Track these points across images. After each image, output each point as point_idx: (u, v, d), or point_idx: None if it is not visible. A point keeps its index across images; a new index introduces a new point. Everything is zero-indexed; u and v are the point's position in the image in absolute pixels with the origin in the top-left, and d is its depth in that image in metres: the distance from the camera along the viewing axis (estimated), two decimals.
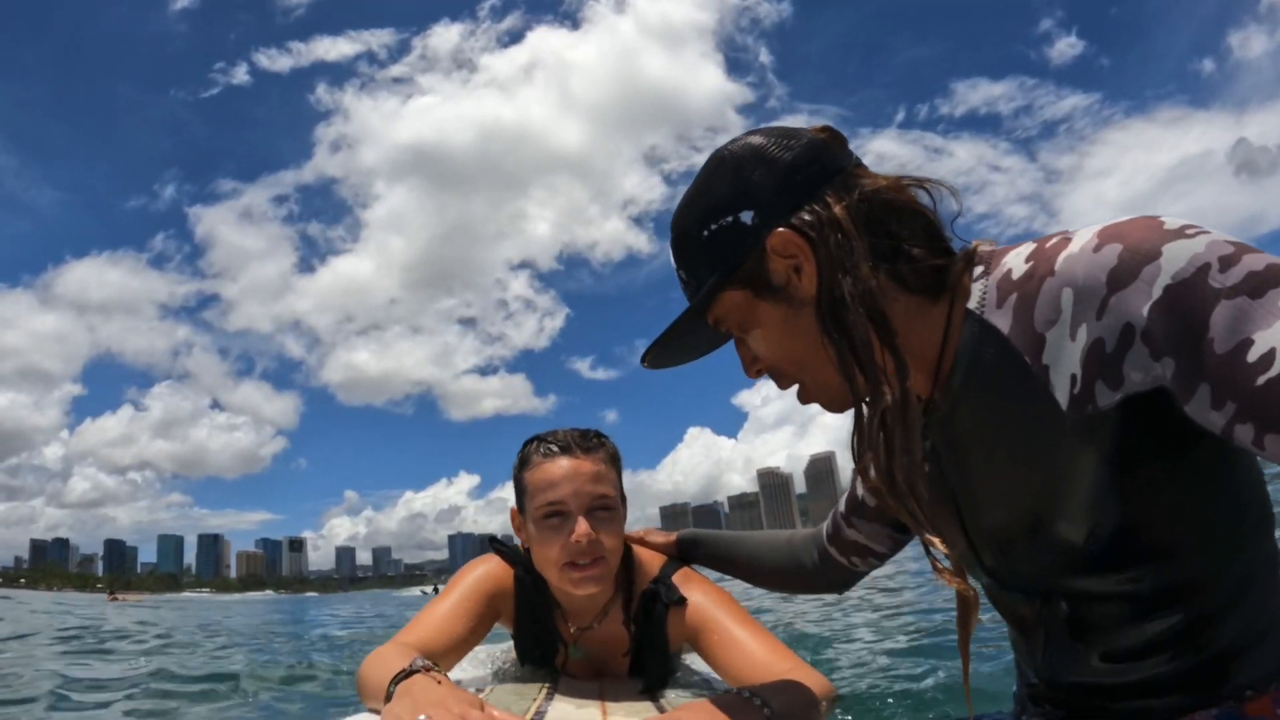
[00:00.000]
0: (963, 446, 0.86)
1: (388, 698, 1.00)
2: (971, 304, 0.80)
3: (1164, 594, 0.79)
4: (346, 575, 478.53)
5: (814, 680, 1.18)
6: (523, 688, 1.38)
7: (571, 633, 1.50)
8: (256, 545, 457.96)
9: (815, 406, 0.91)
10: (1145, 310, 0.64)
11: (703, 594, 1.43)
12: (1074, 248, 0.71)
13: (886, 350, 0.80)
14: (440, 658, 1.27)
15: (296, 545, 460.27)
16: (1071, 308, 0.70)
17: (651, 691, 1.38)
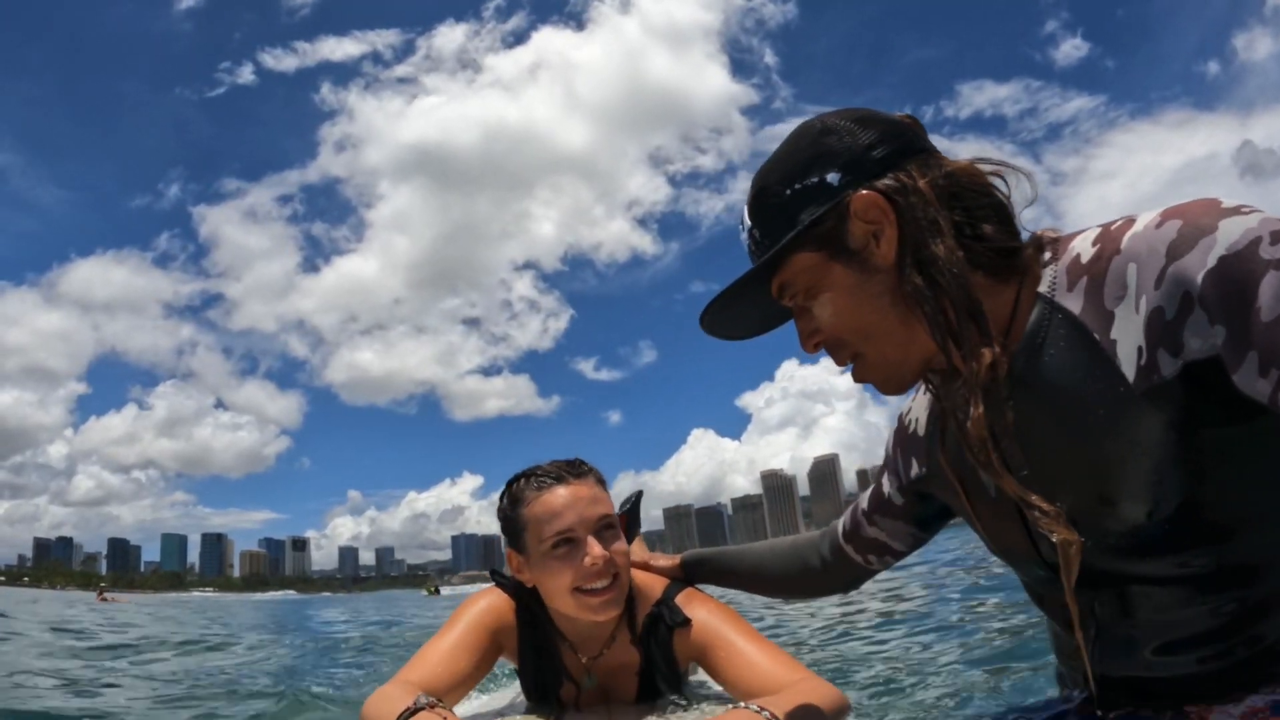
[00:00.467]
0: (1026, 428, 0.86)
1: None
2: (1042, 288, 0.83)
3: (1220, 578, 0.79)
4: (349, 575, 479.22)
5: (824, 691, 1.17)
6: (533, 714, 1.39)
7: (584, 662, 1.49)
8: (260, 545, 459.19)
9: (820, 408, 0.72)
10: (1200, 278, 0.67)
11: (707, 612, 1.43)
12: (1138, 226, 0.75)
13: (971, 320, 0.82)
14: (444, 695, 1.27)
15: (300, 545, 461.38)
16: (1135, 281, 0.73)
17: (662, 714, 1.38)
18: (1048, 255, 0.85)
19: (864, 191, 0.84)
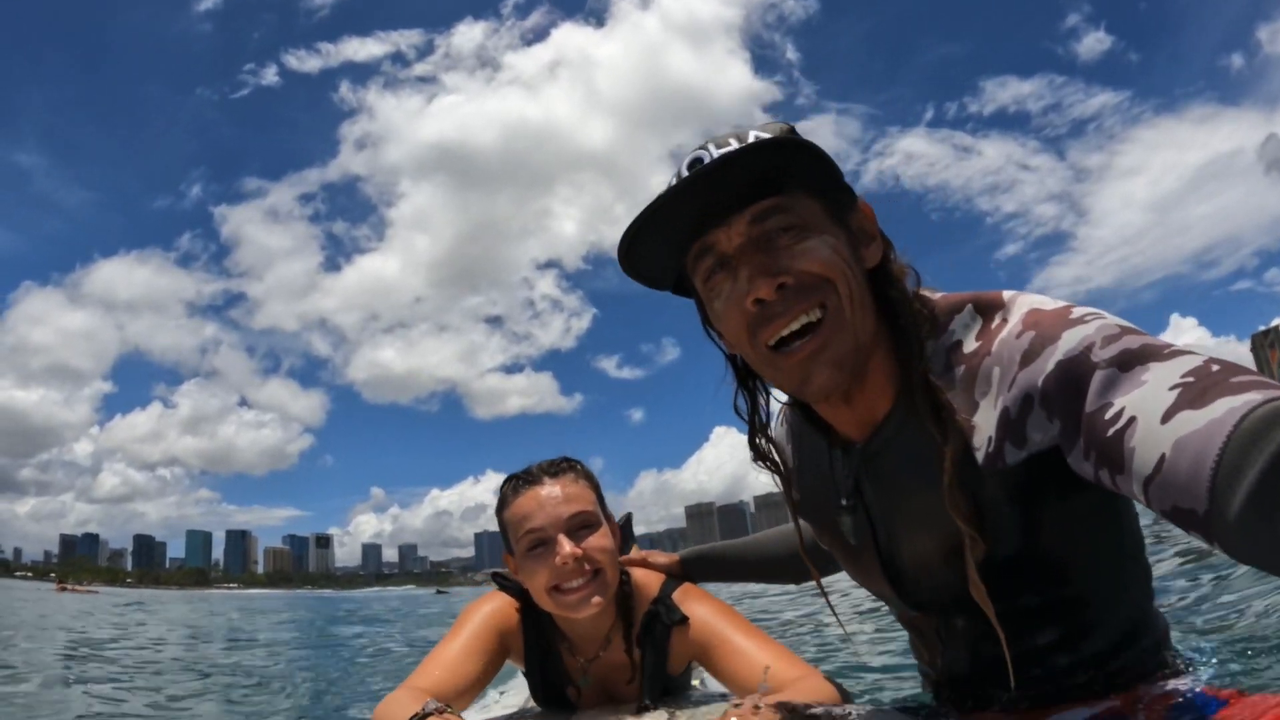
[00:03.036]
0: (890, 482, 0.99)
1: None
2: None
3: (1057, 606, 0.96)
4: (373, 572, 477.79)
5: (824, 687, 1.20)
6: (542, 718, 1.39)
7: (580, 664, 1.50)
8: (284, 542, 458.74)
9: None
10: (1040, 381, 0.79)
11: (705, 609, 1.43)
12: (1004, 333, 0.87)
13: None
14: (454, 699, 1.28)
15: (323, 542, 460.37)
16: (996, 381, 0.85)
17: (670, 713, 1.36)
18: (927, 327, 0.93)
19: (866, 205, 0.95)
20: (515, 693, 1.77)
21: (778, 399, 1.08)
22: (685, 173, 0.88)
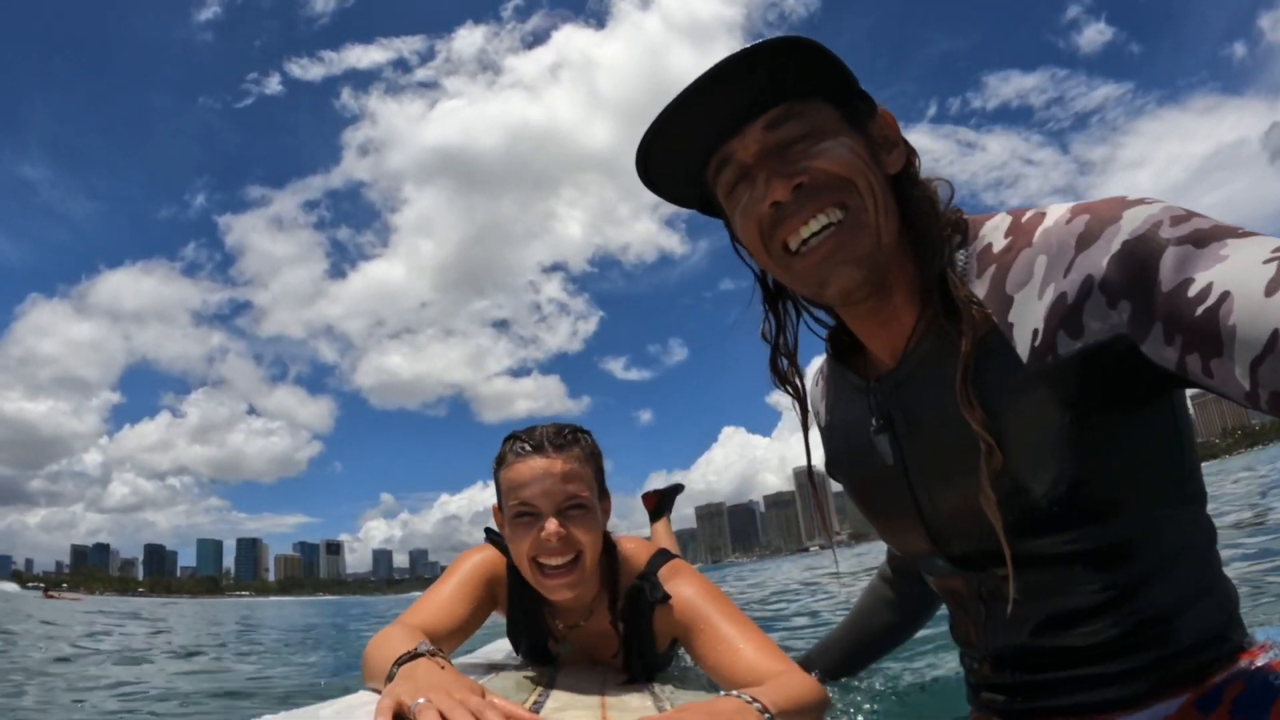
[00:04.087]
0: (919, 413, 0.91)
1: (389, 678, 1.01)
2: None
3: (1102, 555, 0.84)
4: (384, 578, 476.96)
5: (808, 684, 1.18)
6: (523, 677, 1.38)
7: (560, 629, 1.51)
8: (294, 549, 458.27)
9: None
10: (1104, 263, 0.72)
11: (692, 589, 1.41)
12: (1049, 221, 0.80)
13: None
14: (443, 641, 1.30)
15: (334, 548, 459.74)
16: (1043, 271, 0.78)
17: (651, 686, 1.37)
18: (959, 238, 0.87)
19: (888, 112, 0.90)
20: (498, 649, 1.81)
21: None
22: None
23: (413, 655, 1.06)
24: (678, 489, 3.80)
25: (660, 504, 3.66)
